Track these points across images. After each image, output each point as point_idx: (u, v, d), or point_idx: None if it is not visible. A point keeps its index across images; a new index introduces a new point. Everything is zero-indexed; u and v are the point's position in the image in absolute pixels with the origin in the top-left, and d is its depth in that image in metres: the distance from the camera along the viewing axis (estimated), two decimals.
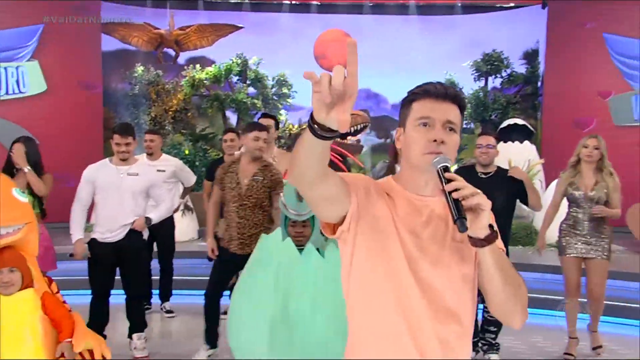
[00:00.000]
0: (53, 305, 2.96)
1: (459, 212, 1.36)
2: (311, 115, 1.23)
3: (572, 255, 4.84)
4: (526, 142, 11.25)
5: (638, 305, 6.22)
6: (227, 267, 4.70)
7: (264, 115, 5.77)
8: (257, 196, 4.54)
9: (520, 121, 11.59)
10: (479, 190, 1.38)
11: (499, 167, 4.70)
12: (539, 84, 13.78)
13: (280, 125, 13.88)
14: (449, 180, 1.40)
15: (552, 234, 5.29)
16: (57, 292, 3.23)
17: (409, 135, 1.56)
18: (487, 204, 1.37)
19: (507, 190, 4.49)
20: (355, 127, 13.60)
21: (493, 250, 1.43)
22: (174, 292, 6.35)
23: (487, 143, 4.62)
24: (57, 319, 2.92)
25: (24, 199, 3.11)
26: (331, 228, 1.58)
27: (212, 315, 4.67)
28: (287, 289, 3.21)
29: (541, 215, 8.99)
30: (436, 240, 1.53)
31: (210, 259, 4.86)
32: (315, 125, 1.23)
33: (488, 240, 1.40)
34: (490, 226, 1.41)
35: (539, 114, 13.64)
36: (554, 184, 9.15)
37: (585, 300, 4.97)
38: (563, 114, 12.12)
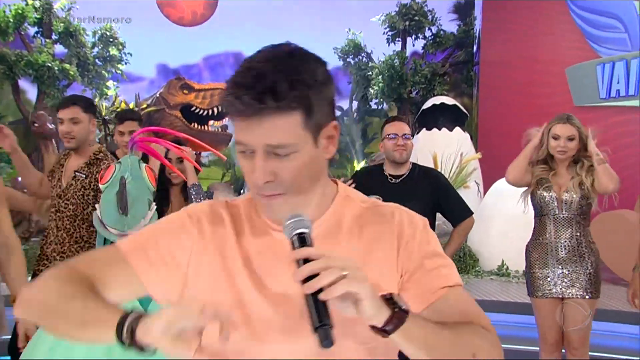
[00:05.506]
0: None
1: (318, 316, 1.28)
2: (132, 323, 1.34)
3: (546, 296, 4.80)
4: (457, 129, 11.67)
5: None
6: None
7: None
8: (75, 201, 4.53)
9: (449, 100, 12.02)
10: (350, 265, 1.33)
11: (414, 165, 4.77)
12: (475, 48, 14.42)
13: (107, 104, 13.53)
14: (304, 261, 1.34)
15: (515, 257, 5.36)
16: None
17: None
18: (364, 290, 1.32)
19: (424, 199, 4.54)
20: (220, 108, 13.57)
21: (408, 335, 1.39)
22: None
23: (404, 132, 4.61)
24: None
25: None
26: None
27: None
28: (125, 355, 3.13)
29: (478, 235, 9.42)
30: None
31: None
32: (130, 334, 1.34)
33: (393, 326, 1.36)
34: (391, 303, 1.37)
35: (474, 90, 14.28)
36: (497, 187, 9.60)
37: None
38: (508, 90, 12.70)
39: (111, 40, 13.82)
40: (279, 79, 1.38)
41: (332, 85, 1.50)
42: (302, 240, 1.38)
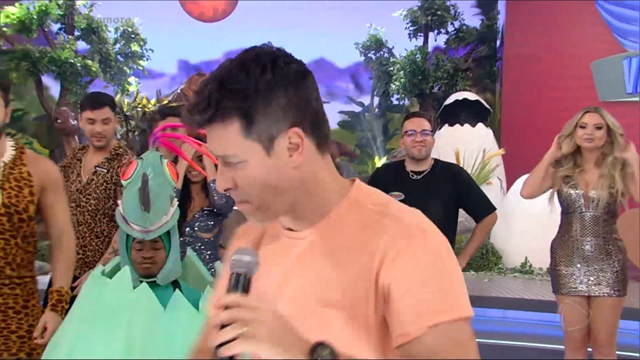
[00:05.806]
0: None
1: None
2: None
3: (571, 294, 4.77)
4: (480, 125, 11.63)
5: None
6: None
7: None
8: (97, 196, 4.64)
9: (472, 96, 11.97)
10: (258, 318, 1.30)
11: (436, 161, 4.78)
12: (498, 43, 14.33)
13: (129, 100, 13.58)
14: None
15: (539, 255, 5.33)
16: None
17: None
18: (260, 351, 1.29)
19: (446, 195, 4.57)
20: None
21: None
22: None
23: (423, 128, 4.60)
24: None
25: None
26: None
27: None
28: (145, 354, 3.10)
29: (501, 232, 9.35)
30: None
31: None
32: None
33: None
34: (316, 354, 1.30)
35: (497, 86, 14.20)
36: (519, 183, 9.53)
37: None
38: (531, 86, 12.61)
39: (133, 36, 13.85)
40: (214, 89, 1.39)
41: (289, 90, 1.44)
42: (237, 280, 1.36)
